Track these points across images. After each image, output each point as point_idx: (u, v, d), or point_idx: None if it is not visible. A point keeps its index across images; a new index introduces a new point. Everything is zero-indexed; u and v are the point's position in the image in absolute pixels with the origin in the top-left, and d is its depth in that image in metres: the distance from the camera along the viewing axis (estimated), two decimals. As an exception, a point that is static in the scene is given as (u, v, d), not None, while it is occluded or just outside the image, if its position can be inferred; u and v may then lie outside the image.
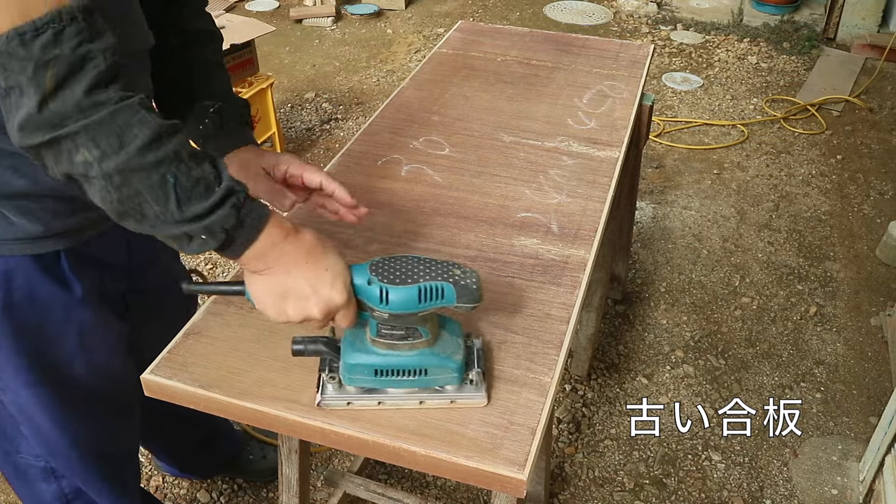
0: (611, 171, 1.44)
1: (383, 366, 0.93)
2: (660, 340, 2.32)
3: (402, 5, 4.67)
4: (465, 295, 0.88)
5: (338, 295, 0.86)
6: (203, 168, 0.78)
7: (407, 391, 0.95)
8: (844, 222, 2.88)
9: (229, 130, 1.11)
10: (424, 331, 0.92)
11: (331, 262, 0.87)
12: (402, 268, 0.89)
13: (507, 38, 1.99)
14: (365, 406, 0.95)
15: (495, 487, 0.92)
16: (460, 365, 0.94)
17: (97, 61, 0.72)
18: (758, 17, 4.51)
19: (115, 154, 0.73)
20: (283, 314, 0.87)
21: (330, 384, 0.95)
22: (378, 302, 0.87)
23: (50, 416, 1.20)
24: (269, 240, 0.83)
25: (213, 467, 1.86)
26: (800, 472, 1.93)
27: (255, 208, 0.82)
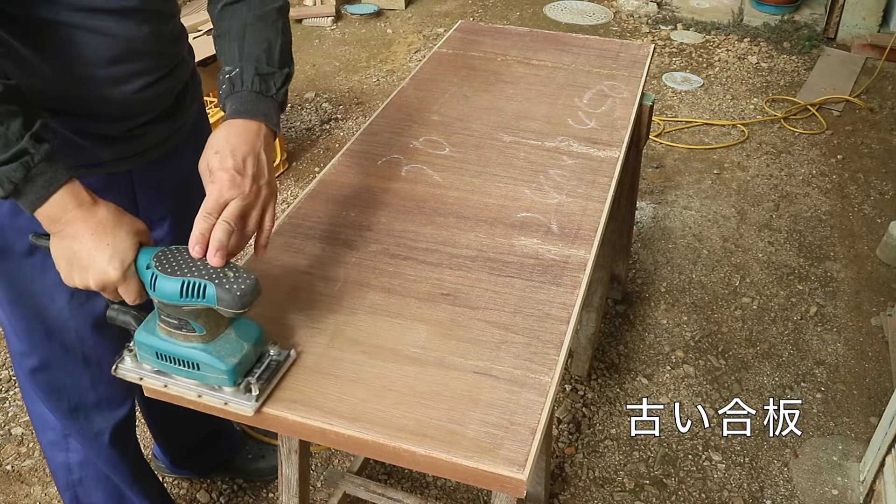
0: (611, 170, 1.44)
1: (162, 350, 0.96)
2: (660, 340, 2.32)
3: (402, 5, 4.67)
4: (226, 299, 0.89)
5: (113, 271, 0.92)
6: (8, 126, 0.87)
7: (190, 381, 0.97)
8: (845, 222, 2.88)
9: (239, 98, 1.06)
10: (198, 326, 0.93)
11: (116, 239, 0.92)
12: (184, 261, 0.92)
13: (507, 38, 1.99)
14: (153, 385, 0.99)
15: (495, 487, 0.92)
16: (231, 368, 0.94)
17: None
18: (758, 16, 4.51)
19: None
20: (70, 279, 0.95)
21: (128, 356, 1.00)
22: (149, 286, 0.92)
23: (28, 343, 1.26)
24: (59, 204, 0.91)
25: (212, 466, 1.86)
26: (800, 473, 1.93)
27: (52, 172, 0.90)
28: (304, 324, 1.08)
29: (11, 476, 1.91)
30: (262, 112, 1.05)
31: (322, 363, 1.02)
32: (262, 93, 1.07)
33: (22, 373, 1.33)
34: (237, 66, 1.07)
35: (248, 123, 1.03)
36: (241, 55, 1.08)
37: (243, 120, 1.03)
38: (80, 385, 1.33)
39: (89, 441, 1.40)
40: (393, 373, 1.00)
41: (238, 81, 1.06)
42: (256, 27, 1.11)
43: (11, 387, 2.14)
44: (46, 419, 1.40)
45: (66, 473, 1.45)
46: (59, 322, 1.24)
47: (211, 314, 0.92)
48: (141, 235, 0.95)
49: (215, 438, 1.81)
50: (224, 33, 1.12)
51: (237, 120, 1.03)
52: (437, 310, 1.11)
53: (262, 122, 1.04)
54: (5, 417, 2.05)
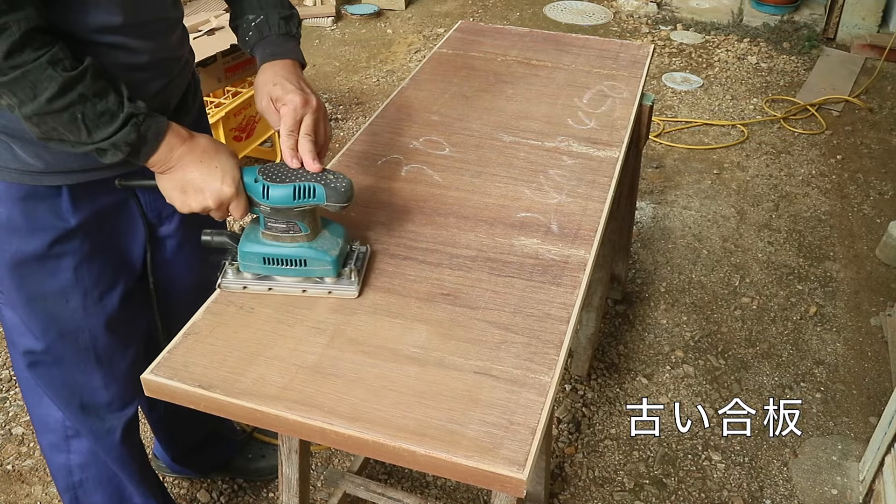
0: (611, 170, 1.44)
1: (270, 254, 1.09)
2: (660, 340, 2.32)
3: (402, 5, 4.67)
4: (333, 195, 1.04)
5: (227, 188, 1.03)
6: (108, 100, 0.96)
7: (292, 280, 1.11)
8: (844, 222, 2.88)
9: (269, 42, 1.20)
10: (303, 226, 1.07)
11: (222, 161, 1.04)
12: (285, 171, 1.06)
13: (507, 38, 1.99)
14: (258, 290, 1.11)
15: (495, 487, 0.92)
16: (335, 259, 1.09)
17: (11, 31, 0.88)
18: (758, 17, 4.51)
19: (30, 102, 0.92)
20: (186, 205, 1.05)
21: (230, 270, 1.12)
22: (261, 196, 1.04)
23: (42, 343, 1.26)
24: (168, 147, 1.02)
25: (212, 466, 1.86)
26: (800, 472, 1.94)
27: (154, 124, 1.00)
28: (304, 323, 1.08)
29: (12, 476, 1.91)
30: (293, 50, 1.21)
31: (322, 363, 1.02)
32: (287, 34, 1.22)
33: (28, 372, 1.33)
34: (260, 14, 1.20)
35: (284, 62, 1.18)
36: (261, 3, 1.21)
37: (280, 60, 1.18)
38: (93, 384, 1.33)
39: (101, 439, 1.41)
40: (393, 373, 1.01)
41: (265, 27, 1.20)
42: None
43: (12, 387, 2.14)
44: (48, 421, 1.40)
45: (67, 475, 1.45)
46: (73, 322, 1.25)
47: (312, 215, 1.07)
48: (236, 157, 1.07)
49: (216, 438, 1.81)
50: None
51: (275, 61, 1.17)
52: (437, 310, 1.11)
53: (295, 59, 1.20)
54: (6, 417, 2.06)
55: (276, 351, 1.03)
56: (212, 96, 2.76)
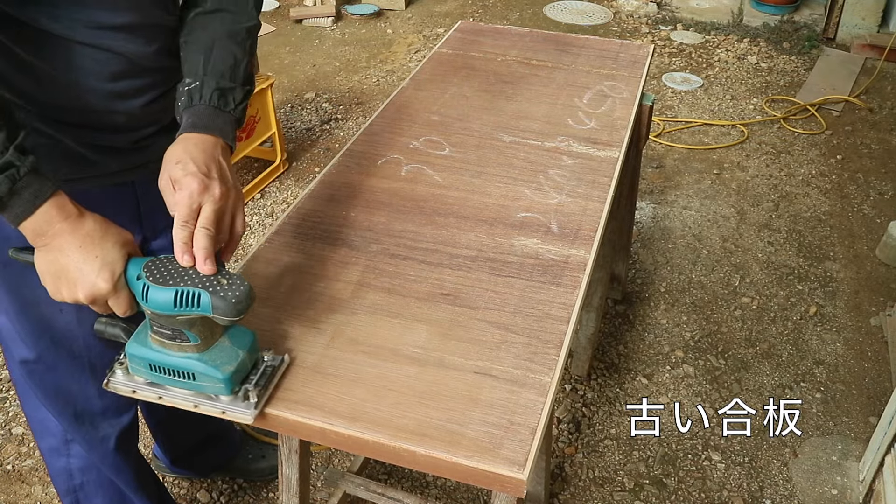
0: (611, 170, 1.44)
1: (156, 362, 0.94)
2: (660, 340, 2.32)
3: (402, 5, 4.67)
4: (221, 306, 0.87)
5: (102, 283, 0.90)
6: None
7: (185, 392, 0.96)
8: (844, 222, 2.88)
9: (195, 112, 1.04)
10: (192, 335, 0.91)
11: (105, 250, 0.91)
12: (175, 270, 0.90)
13: (507, 38, 1.99)
14: (146, 397, 0.97)
15: (495, 487, 0.92)
16: (227, 378, 0.92)
17: None
18: (758, 17, 4.51)
19: None
20: (58, 293, 0.93)
21: (119, 369, 0.99)
22: (140, 297, 0.90)
23: (35, 351, 1.24)
24: (45, 217, 0.89)
25: (212, 466, 1.86)
26: (800, 472, 1.93)
27: (38, 184, 0.89)
28: (304, 324, 1.08)
29: (12, 476, 1.91)
30: (219, 127, 1.04)
31: (322, 363, 1.02)
32: (220, 108, 1.06)
33: (24, 379, 1.31)
34: (198, 80, 1.06)
35: (204, 137, 1.02)
36: (205, 69, 1.07)
37: (199, 134, 1.02)
38: (87, 392, 1.32)
39: (95, 447, 1.40)
40: (393, 373, 1.01)
41: (197, 95, 1.05)
42: (225, 43, 1.10)
43: (12, 387, 2.14)
44: (47, 425, 1.39)
45: (67, 478, 1.44)
46: (67, 331, 1.23)
47: (205, 323, 0.91)
48: (128, 246, 0.94)
49: (215, 438, 1.81)
50: (191, 42, 1.10)
51: (193, 133, 1.02)
52: (437, 310, 1.11)
53: (218, 137, 1.03)
54: (6, 417, 2.05)
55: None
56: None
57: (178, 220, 0.93)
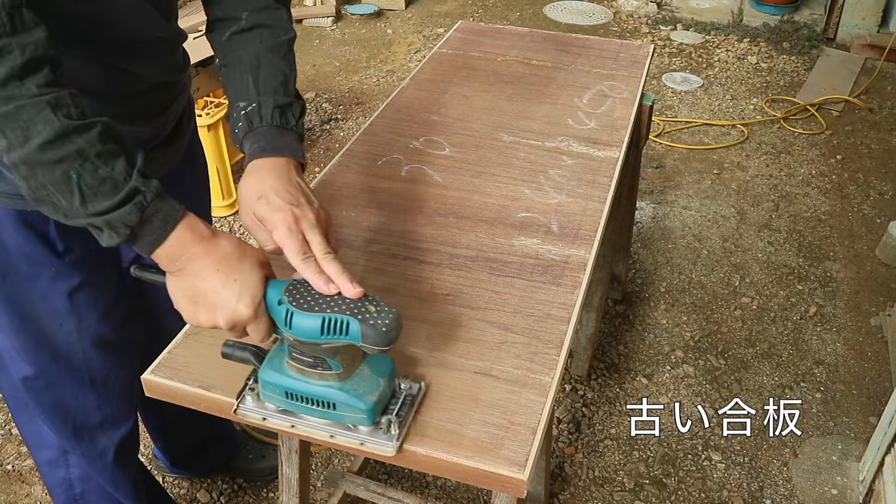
0: (611, 170, 1.44)
1: (293, 390, 0.89)
2: (660, 340, 2.32)
3: (402, 5, 4.67)
4: (370, 336, 0.82)
5: (244, 308, 0.85)
6: (113, 167, 0.80)
7: (320, 421, 0.92)
8: (844, 222, 2.88)
9: (259, 135, 1.00)
10: (334, 364, 0.86)
11: (243, 273, 0.86)
12: (317, 295, 0.86)
13: (507, 38, 1.99)
14: (278, 426, 0.93)
15: (495, 487, 0.92)
16: (371, 408, 0.88)
17: (14, 55, 0.76)
18: (758, 17, 4.51)
19: (20, 147, 0.77)
20: (195, 318, 0.88)
21: (250, 395, 0.94)
22: (283, 324, 0.85)
23: (35, 367, 1.22)
24: (178, 241, 0.85)
25: (212, 466, 1.86)
26: (800, 472, 1.93)
27: (165, 209, 0.84)
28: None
29: (12, 476, 1.91)
30: (287, 146, 1.00)
31: (322, 363, 1.02)
32: (283, 126, 1.02)
33: (22, 395, 1.29)
34: (253, 101, 1.02)
35: (275, 160, 0.98)
36: (257, 88, 1.03)
37: (270, 158, 0.98)
38: (86, 406, 1.30)
39: (93, 461, 1.38)
40: (393, 373, 1.00)
41: (256, 117, 1.01)
42: (270, 59, 1.06)
43: (11, 387, 2.14)
44: (43, 438, 1.36)
45: (68, 489, 1.42)
46: (67, 344, 1.20)
47: (348, 350, 0.86)
48: (265, 268, 0.89)
49: (216, 438, 1.81)
50: (233, 63, 1.06)
51: (263, 159, 0.98)
52: (437, 310, 1.11)
53: (289, 157, 0.99)
54: (6, 417, 2.05)
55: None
56: (212, 96, 2.76)
57: (296, 257, 0.89)
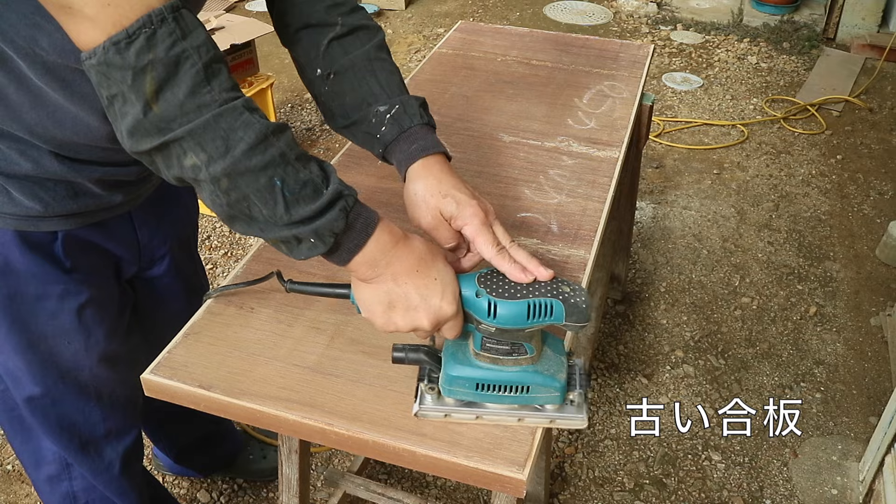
0: (611, 170, 1.44)
1: (486, 380, 0.91)
2: (660, 340, 2.32)
3: (402, 5, 4.67)
4: (574, 314, 0.85)
5: (448, 306, 0.85)
6: (311, 169, 0.78)
7: (507, 407, 0.93)
8: (844, 222, 2.88)
9: (413, 137, 0.99)
10: (530, 347, 0.89)
11: (440, 271, 0.86)
12: (511, 283, 0.87)
13: (507, 38, 1.99)
14: (462, 419, 0.94)
15: (495, 487, 0.92)
16: (563, 385, 0.91)
17: (193, 60, 0.71)
18: (758, 17, 4.51)
19: (221, 158, 0.73)
20: (392, 324, 0.87)
21: (429, 395, 0.94)
22: (486, 315, 0.85)
23: (42, 387, 1.20)
24: (378, 246, 0.82)
25: (212, 466, 1.86)
26: (800, 472, 1.94)
27: (364, 212, 0.82)
28: (304, 323, 1.08)
29: (12, 476, 1.91)
30: (438, 143, 1.00)
31: (322, 363, 1.02)
32: (428, 124, 1.02)
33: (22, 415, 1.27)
34: (392, 103, 1.00)
35: (437, 158, 0.98)
36: (386, 90, 1.01)
37: (433, 156, 0.98)
38: (91, 420, 1.29)
39: (100, 474, 1.37)
40: (393, 373, 1.00)
41: (405, 118, 1.00)
42: (382, 59, 1.05)
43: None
44: (42, 455, 1.34)
45: (72, 502, 1.41)
46: (74, 362, 1.20)
47: (539, 333, 0.90)
48: (451, 265, 0.89)
49: (216, 438, 1.81)
50: (346, 69, 1.03)
51: (428, 158, 0.97)
52: (438, 310, 1.11)
53: (443, 154, 1.00)
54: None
55: (276, 351, 1.03)
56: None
57: (492, 249, 0.89)
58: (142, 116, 0.71)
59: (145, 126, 0.72)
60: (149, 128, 0.72)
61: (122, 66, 0.69)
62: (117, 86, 0.70)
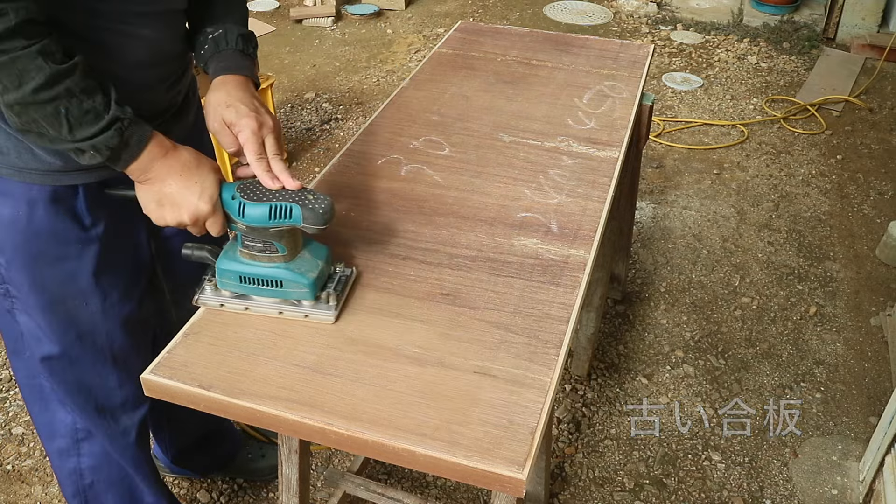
0: (611, 170, 1.44)
1: (246, 273, 1.06)
2: (660, 340, 2.32)
3: (402, 5, 4.67)
4: (311, 217, 1.00)
5: (203, 205, 1.02)
6: (94, 99, 0.95)
7: (269, 300, 1.08)
8: (844, 222, 2.88)
9: (224, 57, 1.17)
10: (280, 246, 1.04)
11: (202, 176, 1.03)
12: (264, 189, 1.03)
13: (507, 38, 1.99)
14: (234, 309, 1.08)
15: (495, 487, 0.92)
16: (312, 282, 1.05)
17: (8, 17, 0.87)
18: (758, 17, 4.51)
19: (14, 90, 0.91)
20: (162, 219, 1.04)
21: (208, 286, 1.10)
22: (236, 214, 1.02)
23: (59, 346, 1.25)
24: (149, 156, 1.01)
25: (212, 465, 1.86)
26: (800, 472, 1.93)
27: (138, 130, 0.99)
28: (304, 324, 1.08)
29: (12, 476, 1.91)
30: (248, 68, 1.18)
31: (322, 363, 1.02)
32: (244, 51, 1.19)
33: (41, 378, 1.32)
34: (221, 28, 1.18)
35: (238, 78, 1.14)
36: (224, 17, 1.20)
37: (233, 76, 1.14)
38: (108, 385, 1.34)
39: (116, 440, 1.41)
40: (393, 373, 1.01)
41: (223, 41, 1.18)
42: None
43: (12, 387, 2.14)
44: (55, 427, 1.39)
45: (78, 479, 1.45)
46: (91, 325, 1.25)
47: (291, 235, 1.04)
48: (218, 173, 1.05)
49: (216, 438, 1.81)
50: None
51: (228, 76, 1.14)
52: (437, 310, 1.11)
53: (248, 77, 1.16)
54: (6, 417, 2.06)
55: (276, 351, 1.03)
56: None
57: (253, 155, 1.06)
58: None
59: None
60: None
61: None
62: None
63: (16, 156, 1.08)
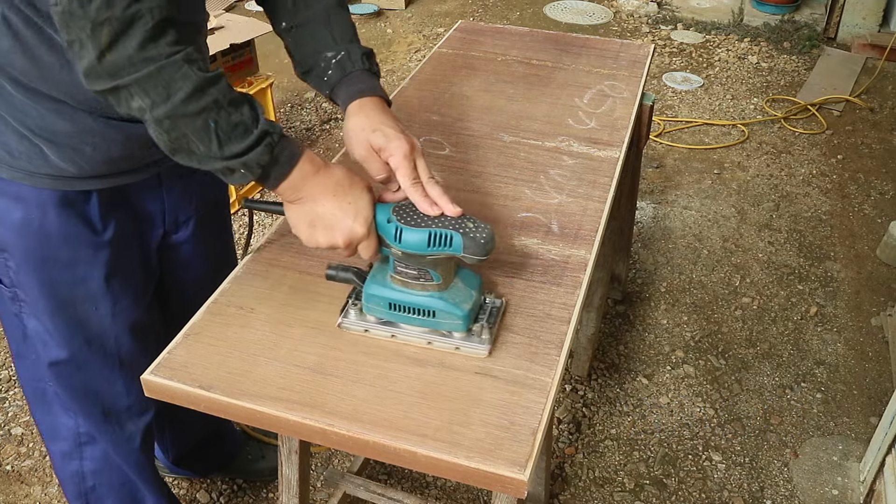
0: (611, 170, 1.44)
1: (397, 301, 1.01)
2: (660, 340, 2.32)
3: (402, 5, 4.67)
4: (471, 247, 0.95)
5: (359, 227, 0.97)
6: (242, 112, 0.89)
7: (418, 329, 1.03)
8: (845, 222, 2.88)
9: (354, 80, 1.12)
10: (436, 275, 0.99)
11: (356, 196, 0.98)
12: (422, 215, 0.98)
13: (507, 38, 1.99)
14: (379, 336, 1.04)
15: (496, 488, 0.92)
16: (466, 314, 1.00)
17: (145, 20, 0.82)
18: (758, 16, 4.51)
19: (163, 103, 0.85)
20: (313, 240, 0.99)
21: (353, 310, 1.05)
22: (392, 239, 0.97)
23: (68, 351, 1.25)
24: (300, 174, 0.95)
25: (212, 466, 1.86)
26: (800, 473, 1.93)
27: (289, 147, 0.94)
28: (304, 324, 1.08)
29: (11, 476, 1.91)
30: (379, 87, 1.13)
31: (322, 363, 1.02)
32: (370, 70, 1.14)
33: (46, 381, 1.31)
34: (339, 50, 1.12)
35: (374, 100, 1.09)
36: (336, 39, 1.13)
37: (369, 98, 1.09)
38: (115, 390, 1.33)
39: (120, 446, 1.40)
40: (393, 373, 1.00)
41: (348, 64, 1.12)
42: (339, 12, 1.16)
43: (11, 387, 2.14)
44: (58, 430, 1.39)
45: (80, 482, 1.44)
46: (100, 328, 1.24)
47: (447, 263, 0.99)
48: (370, 192, 1.00)
49: (216, 438, 1.81)
50: (307, 22, 1.15)
51: (364, 99, 1.09)
52: (438, 310, 1.10)
53: (381, 97, 1.11)
54: (5, 417, 2.05)
55: (276, 351, 1.03)
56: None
57: (407, 180, 1.00)
58: (96, 63, 0.82)
59: (98, 71, 0.83)
60: (101, 73, 0.83)
61: (83, 17, 0.80)
62: (76, 33, 0.81)
63: (27, 160, 1.07)
